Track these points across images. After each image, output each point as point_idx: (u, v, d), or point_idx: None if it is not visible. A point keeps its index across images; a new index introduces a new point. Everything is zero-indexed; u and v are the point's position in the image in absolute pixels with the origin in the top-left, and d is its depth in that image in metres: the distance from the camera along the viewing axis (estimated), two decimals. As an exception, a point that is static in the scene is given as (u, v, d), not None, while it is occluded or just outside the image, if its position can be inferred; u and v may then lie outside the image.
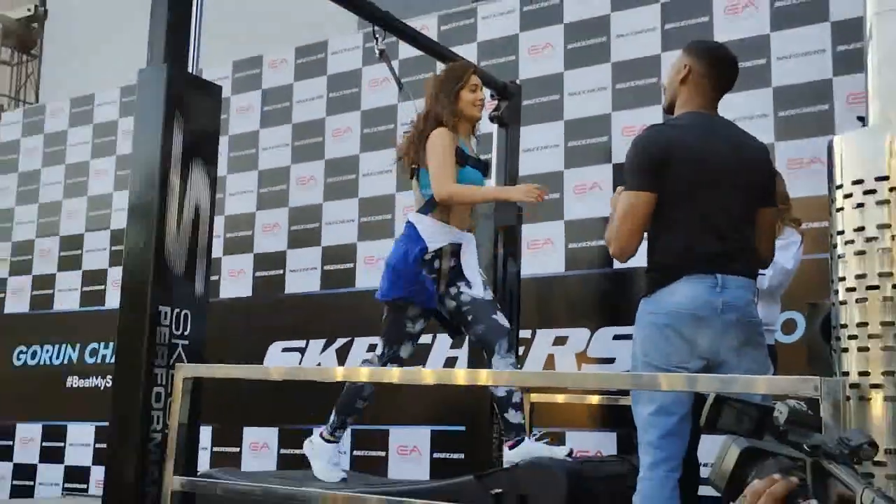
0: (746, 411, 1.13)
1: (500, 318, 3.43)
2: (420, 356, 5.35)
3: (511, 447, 3.32)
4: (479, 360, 3.95)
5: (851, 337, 1.79)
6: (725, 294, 2.45)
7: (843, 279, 1.84)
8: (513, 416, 3.35)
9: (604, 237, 2.68)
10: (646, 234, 2.58)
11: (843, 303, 1.84)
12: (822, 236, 2.51)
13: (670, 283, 2.47)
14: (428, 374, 2.75)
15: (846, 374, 1.77)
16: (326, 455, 3.53)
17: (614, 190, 2.69)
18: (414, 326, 3.45)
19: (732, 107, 4.16)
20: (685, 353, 2.44)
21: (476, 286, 3.51)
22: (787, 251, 3.66)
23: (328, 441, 3.55)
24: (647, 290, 2.55)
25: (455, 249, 3.50)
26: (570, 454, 3.29)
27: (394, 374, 3.01)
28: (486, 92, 4.67)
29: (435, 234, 3.45)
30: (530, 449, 3.29)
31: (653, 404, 2.45)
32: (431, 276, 3.42)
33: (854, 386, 1.73)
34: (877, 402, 1.69)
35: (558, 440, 4.93)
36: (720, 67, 2.66)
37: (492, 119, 4.72)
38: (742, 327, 2.46)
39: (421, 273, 3.38)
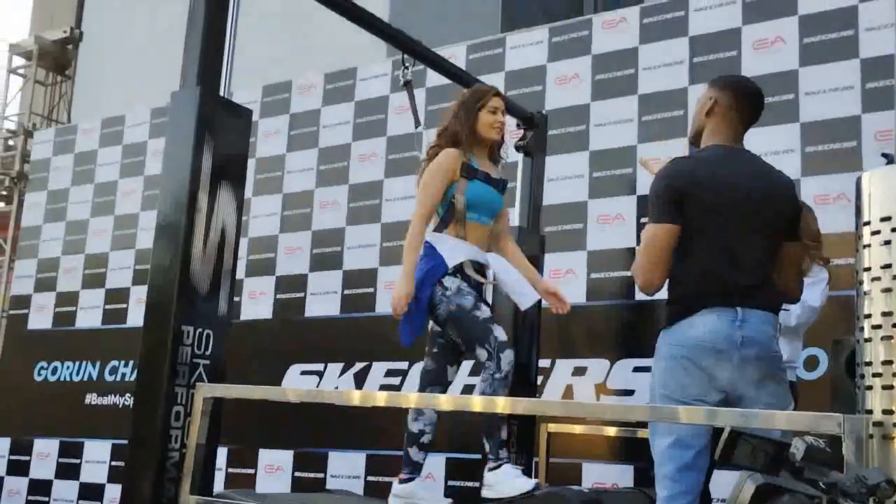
0: (762, 447, 1.13)
1: (499, 331, 3.39)
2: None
3: (490, 469, 3.32)
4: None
5: (876, 375, 1.78)
6: (746, 328, 2.44)
7: (868, 316, 1.84)
8: (504, 433, 3.38)
9: (630, 269, 2.69)
10: None
11: (868, 340, 1.83)
12: (847, 273, 2.50)
13: (690, 315, 2.47)
14: (444, 401, 2.75)
15: (870, 412, 1.76)
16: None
17: (638, 221, 2.70)
18: (482, 312, 3.37)
19: (760, 141, 4.17)
20: (703, 386, 2.43)
21: (528, 294, 3.57)
22: (815, 289, 3.64)
23: (405, 483, 3.45)
24: (666, 322, 2.55)
25: (477, 268, 3.50)
26: (535, 487, 3.24)
27: (410, 399, 3.01)
28: (512, 121, 4.72)
29: (453, 250, 3.46)
30: (503, 477, 3.27)
31: (670, 437, 2.44)
32: (462, 280, 3.40)
33: (877, 424, 1.72)
34: (901, 441, 1.67)
35: (575, 471, 4.90)
36: (747, 100, 2.67)
37: (517, 148, 4.75)
38: (762, 362, 2.45)
39: (425, 292, 3.37)
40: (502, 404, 2.71)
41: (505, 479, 3.27)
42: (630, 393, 4.91)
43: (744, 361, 2.43)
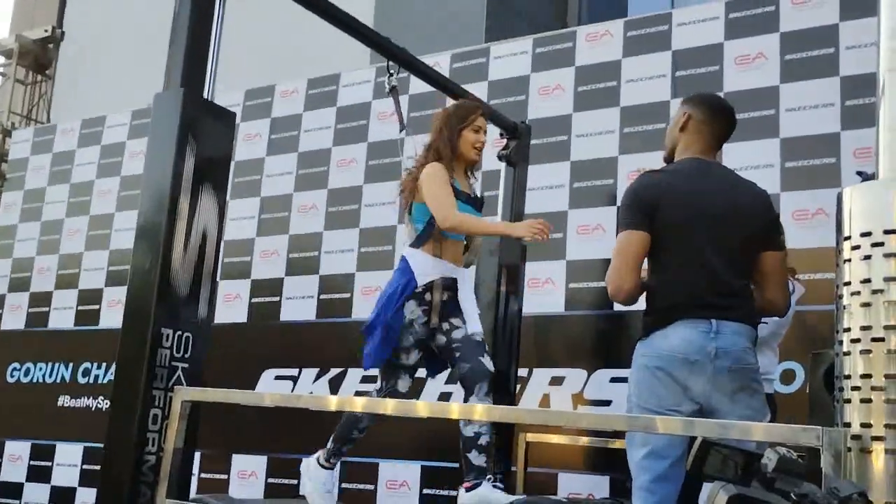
0: (734, 457, 1.14)
1: (487, 362, 3.42)
2: (414, 390, 5.34)
3: (467, 489, 3.31)
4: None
5: (854, 388, 1.81)
6: (719, 339, 2.47)
7: (847, 330, 1.87)
8: (475, 458, 3.33)
9: (605, 279, 2.71)
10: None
11: (847, 353, 1.86)
12: (826, 287, 2.54)
13: (665, 326, 2.50)
14: (422, 407, 2.76)
15: (848, 425, 1.79)
16: (320, 480, 3.53)
17: (617, 233, 2.73)
18: (408, 359, 3.45)
19: (740, 156, 4.23)
20: (678, 397, 2.46)
21: (471, 322, 3.53)
22: None
23: (323, 467, 3.55)
24: (642, 333, 2.58)
25: (448, 284, 3.51)
26: None
27: (388, 405, 3.01)
28: (495, 130, 4.75)
29: (426, 267, 3.47)
30: (484, 494, 3.27)
31: (645, 447, 2.47)
32: (422, 308, 3.43)
33: (856, 437, 1.75)
34: (878, 454, 1.70)
35: (551, 481, 4.92)
36: (720, 116, 2.72)
37: (500, 157, 4.77)
38: (736, 374, 2.48)
39: (401, 310, 3.39)
40: (480, 412, 2.72)
41: (481, 500, 3.27)
42: (607, 403, 4.94)
43: (717, 373, 2.45)
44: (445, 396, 5.16)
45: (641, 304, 2.64)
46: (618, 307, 4.97)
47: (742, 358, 2.50)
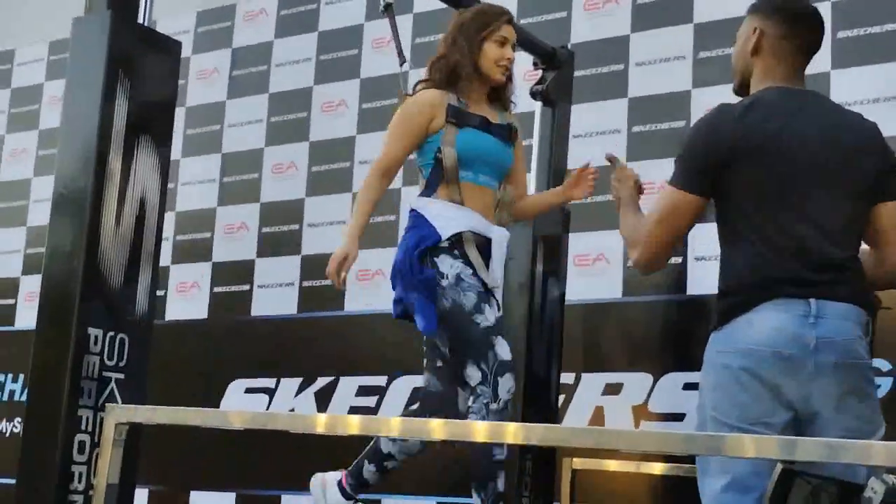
0: (826, 488, 1.13)
1: (502, 348, 3.37)
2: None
3: (339, 486, 3.46)
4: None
5: None
6: (821, 326, 2.44)
7: None
8: (367, 470, 3.48)
9: (621, 233, 2.72)
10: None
11: None
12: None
13: (748, 311, 2.47)
14: (437, 428, 2.76)
15: None
16: None
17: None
18: (486, 318, 3.38)
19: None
20: (767, 405, 2.44)
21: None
22: None
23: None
24: (717, 322, 2.55)
25: (480, 242, 3.50)
26: None
27: (393, 426, 3.01)
28: (528, 59, 4.71)
29: (448, 217, 3.45)
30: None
31: (725, 476, 2.45)
32: (461, 262, 3.39)
33: None
34: None
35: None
36: (803, 24, 2.67)
37: (534, 95, 4.75)
38: (844, 371, 2.45)
39: (419, 268, 3.39)
40: (513, 432, 2.71)
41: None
42: (680, 418, 4.93)
43: (819, 371, 2.43)
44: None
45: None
46: (694, 289, 5.01)
47: (852, 350, 2.47)
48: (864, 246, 2.64)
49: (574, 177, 3.84)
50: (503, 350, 3.33)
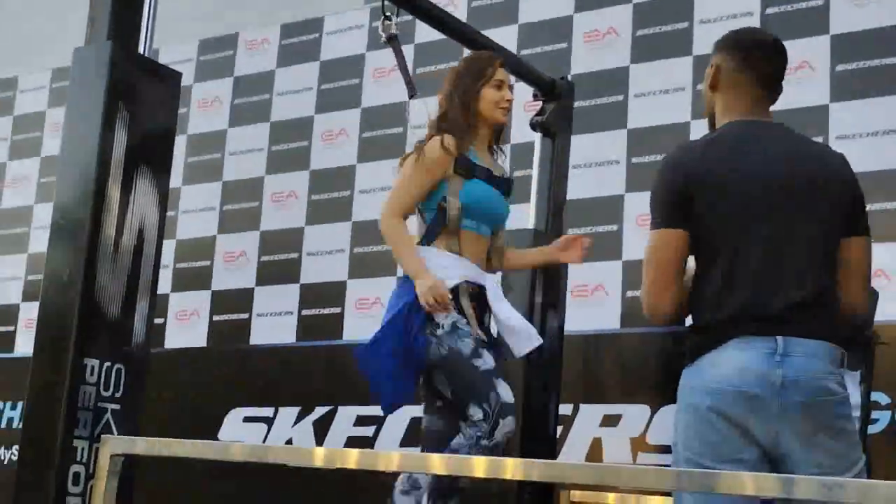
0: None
1: (504, 390, 3.39)
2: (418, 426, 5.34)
3: None
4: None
5: None
6: (787, 365, 2.40)
7: None
8: None
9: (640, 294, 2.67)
10: None
11: None
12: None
13: (714, 348, 2.46)
14: (436, 462, 2.73)
15: None
16: None
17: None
18: (485, 361, 3.38)
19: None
20: (736, 443, 2.41)
21: (530, 338, 3.58)
22: None
23: None
24: (687, 357, 2.52)
25: (475, 293, 3.52)
26: None
27: (392, 460, 2.98)
28: (528, 90, 4.71)
29: (445, 267, 3.47)
30: None
31: None
32: (456, 311, 3.41)
33: None
34: None
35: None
36: (757, 54, 2.65)
37: (534, 126, 4.74)
38: (813, 410, 2.42)
39: (415, 324, 3.39)
40: (513, 468, 2.69)
41: None
42: (678, 449, 4.91)
43: (786, 410, 2.40)
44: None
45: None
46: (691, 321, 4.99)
47: (821, 388, 2.43)
48: None
49: (564, 241, 3.88)
50: (505, 392, 3.34)
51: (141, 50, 3.09)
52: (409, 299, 3.43)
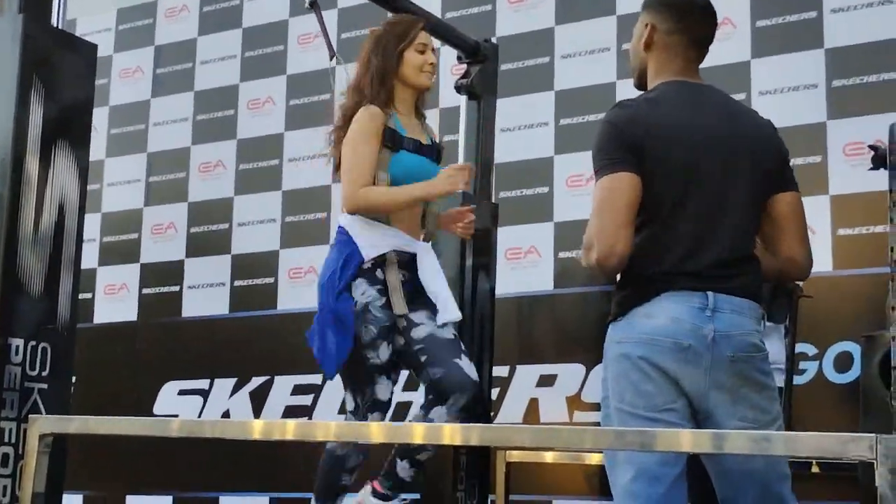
0: None
1: (467, 367, 3.43)
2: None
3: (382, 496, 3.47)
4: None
5: (917, 381, 1.82)
6: (718, 320, 2.45)
7: (906, 306, 1.87)
8: (403, 469, 3.48)
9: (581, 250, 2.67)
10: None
11: (907, 336, 1.86)
12: (880, 244, 2.54)
13: (645, 302, 2.49)
14: (375, 430, 2.74)
15: (911, 429, 1.80)
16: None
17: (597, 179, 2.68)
18: (378, 355, 3.43)
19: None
20: (669, 394, 2.45)
21: (445, 309, 3.54)
22: None
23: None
24: (617, 311, 2.54)
25: (405, 261, 3.51)
26: None
27: (330, 429, 2.98)
28: (452, 54, 4.70)
29: (373, 237, 3.46)
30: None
31: (632, 468, 2.45)
32: (376, 288, 3.42)
33: (921, 445, 1.75)
34: (949, 467, 1.70)
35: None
36: (691, 16, 2.68)
37: (458, 89, 4.73)
38: (739, 365, 2.47)
39: (345, 292, 3.40)
40: (450, 434, 2.70)
41: None
42: (613, 407, 4.98)
43: (716, 364, 2.45)
44: (402, 409, 5.16)
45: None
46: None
47: (748, 343, 2.49)
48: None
49: (453, 214, 3.80)
50: (382, 391, 3.43)
51: (54, 22, 3.05)
52: (343, 258, 3.43)
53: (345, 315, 3.38)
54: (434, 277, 3.57)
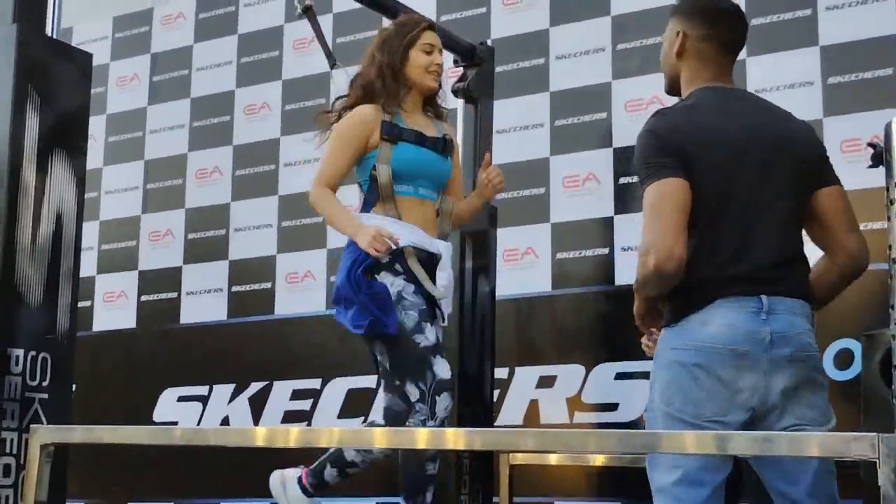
0: None
1: (441, 367, 3.41)
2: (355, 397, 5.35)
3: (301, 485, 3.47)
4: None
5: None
6: (774, 321, 2.46)
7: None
8: (329, 473, 3.48)
9: (637, 262, 2.63)
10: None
11: (907, 335, 1.86)
12: (880, 240, 2.53)
13: (701, 308, 2.48)
14: (379, 436, 2.73)
15: (913, 427, 1.79)
16: None
17: (616, 182, 2.70)
18: (427, 337, 3.40)
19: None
20: (722, 402, 2.43)
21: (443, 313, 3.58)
22: None
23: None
24: (670, 318, 2.54)
25: (422, 257, 3.50)
26: None
27: (334, 435, 2.98)
28: (449, 57, 4.69)
29: (389, 230, 3.45)
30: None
31: (676, 471, 2.44)
32: (402, 277, 3.41)
33: (923, 444, 1.75)
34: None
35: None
36: (723, 22, 2.69)
37: (455, 92, 4.73)
38: (798, 365, 2.48)
39: (367, 284, 3.38)
40: (454, 438, 2.70)
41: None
42: (613, 408, 4.96)
43: (775, 365, 2.44)
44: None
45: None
46: (622, 280, 5.03)
47: (804, 343, 2.49)
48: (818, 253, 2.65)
49: (480, 182, 3.82)
50: (441, 369, 3.37)
51: (50, 31, 3.06)
52: (355, 256, 3.41)
53: (383, 297, 3.36)
54: (445, 279, 3.58)
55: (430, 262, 3.54)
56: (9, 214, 2.86)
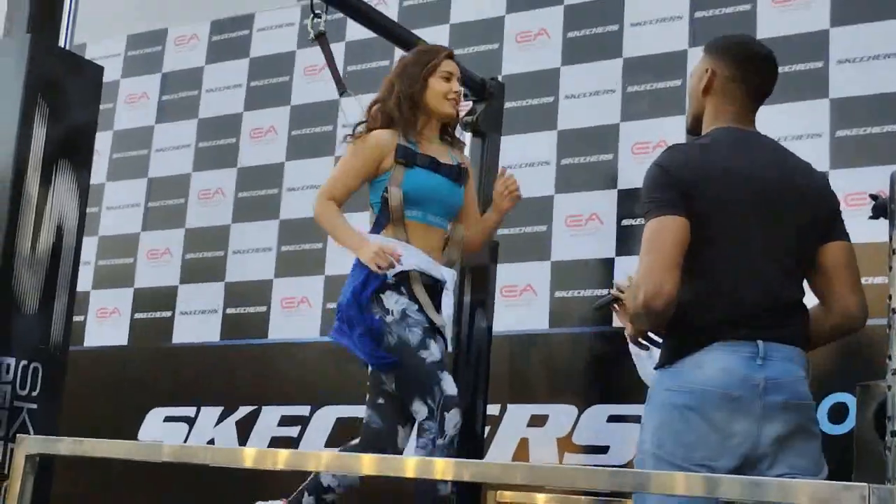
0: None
1: (448, 383, 3.41)
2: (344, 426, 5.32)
3: None
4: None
5: (911, 433, 1.82)
6: (769, 368, 2.45)
7: (903, 356, 1.88)
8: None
9: (628, 302, 2.63)
10: None
11: (903, 387, 1.87)
12: (878, 295, 2.54)
13: (697, 351, 2.49)
14: (366, 462, 2.73)
15: (904, 480, 1.80)
16: None
17: (619, 223, 2.71)
18: (432, 353, 3.39)
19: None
20: (713, 447, 2.43)
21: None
22: None
23: None
24: (665, 359, 2.54)
25: (426, 283, 3.52)
26: None
27: (322, 460, 2.97)
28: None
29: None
30: None
31: None
32: (407, 297, 3.43)
33: (914, 497, 1.75)
34: (942, 520, 1.70)
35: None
36: (754, 66, 2.70)
37: (464, 126, 4.75)
38: (791, 412, 2.47)
39: (371, 305, 3.39)
40: (442, 467, 2.70)
41: None
42: (604, 450, 4.95)
43: (768, 412, 2.44)
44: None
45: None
46: (618, 323, 5.03)
47: (798, 391, 2.49)
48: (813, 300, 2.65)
49: (497, 193, 3.89)
50: (449, 385, 3.36)
51: (62, 43, 3.07)
52: (362, 278, 3.42)
53: (376, 332, 3.37)
54: (447, 307, 3.60)
55: (434, 288, 3.56)
56: (9, 222, 2.86)
